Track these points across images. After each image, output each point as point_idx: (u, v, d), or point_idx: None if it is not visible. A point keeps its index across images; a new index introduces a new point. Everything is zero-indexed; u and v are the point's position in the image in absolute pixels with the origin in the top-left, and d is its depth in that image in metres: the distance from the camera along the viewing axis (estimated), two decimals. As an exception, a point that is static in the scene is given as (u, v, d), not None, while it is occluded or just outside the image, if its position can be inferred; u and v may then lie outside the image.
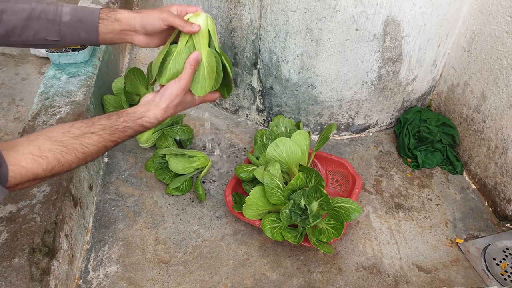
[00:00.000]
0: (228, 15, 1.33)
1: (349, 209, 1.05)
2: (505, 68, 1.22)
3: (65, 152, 0.73)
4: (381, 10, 1.20)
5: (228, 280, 1.09)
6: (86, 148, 0.76)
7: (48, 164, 0.70)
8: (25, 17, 0.87)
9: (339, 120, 1.50)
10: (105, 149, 0.80)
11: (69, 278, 1.03)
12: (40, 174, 0.69)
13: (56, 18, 0.89)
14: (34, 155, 0.69)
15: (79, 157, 0.75)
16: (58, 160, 0.71)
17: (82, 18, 0.90)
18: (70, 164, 0.74)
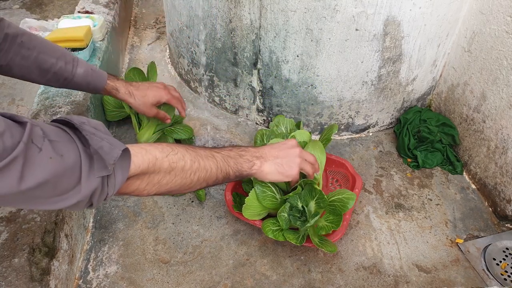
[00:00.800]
0: (228, 15, 1.33)
1: (344, 200, 1.06)
2: (505, 68, 1.22)
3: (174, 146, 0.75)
4: (381, 10, 1.20)
5: (228, 280, 1.09)
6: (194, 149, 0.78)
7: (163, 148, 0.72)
8: (45, 68, 0.99)
9: (339, 120, 1.50)
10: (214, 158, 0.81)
11: (69, 278, 1.03)
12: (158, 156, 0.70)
13: (69, 77, 1.03)
14: (148, 144, 0.72)
15: (189, 153, 0.76)
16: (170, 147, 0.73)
17: (91, 82, 1.07)
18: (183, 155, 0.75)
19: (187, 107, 1.65)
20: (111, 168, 0.60)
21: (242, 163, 0.88)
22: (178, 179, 0.74)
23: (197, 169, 0.77)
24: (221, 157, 0.83)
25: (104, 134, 0.62)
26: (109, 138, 0.62)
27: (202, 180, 0.79)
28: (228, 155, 0.85)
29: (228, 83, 1.53)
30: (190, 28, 1.50)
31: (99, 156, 0.60)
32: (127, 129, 1.52)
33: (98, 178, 0.60)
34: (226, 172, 0.84)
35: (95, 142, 0.60)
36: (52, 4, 2.52)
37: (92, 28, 1.50)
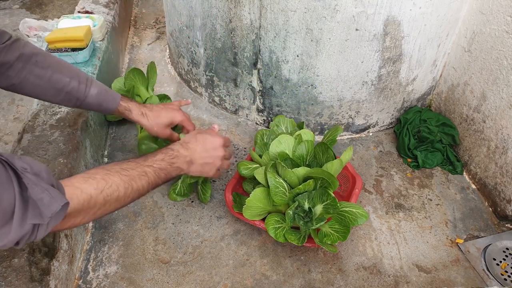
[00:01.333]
0: (228, 15, 1.33)
1: (357, 214, 1.05)
2: (505, 68, 1.22)
3: (109, 173, 0.77)
4: (381, 10, 1.20)
5: (228, 280, 1.09)
6: (126, 171, 0.81)
7: (98, 184, 0.73)
8: (59, 88, 1.00)
9: (339, 120, 1.50)
10: (146, 175, 0.85)
11: (69, 278, 1.03)
12: (93, 194, 0.71)
13: (81, 97, 1.04)
14: (84, 177, 0.73)
15: (123, 180, 0.78)
16: (105, 180, 0.75)
17: (103, 103, 1.08)
18: (118, 186, 0.77)
19: (187, 107, 1.65)
20: (47, 220, 0.60)
21: (171, 172, 0.94)
22: (112, 207, 0.77)
23: (131, 193, 0.80)
24: (152, 173, 0.87)
25: (46, 183, 0.61)
26: (51, 190, 0.61)
27: (136, 198, 0.83)
28: (159, 168, 0.89)
29: (228, 83, 1.53)
30: (190, 28, 1.50)
31: (36, 205, 0.59)
32: (127, 129, 1.52)
33: (30, 225, 0.59)
34: (156, 183, 0.89)
35: (35, 192, 0.59)
36: (52, 4, 2.52)
37: (92, 28, 1.49)
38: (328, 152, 1.16)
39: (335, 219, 1.07)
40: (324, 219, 1.05)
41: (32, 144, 1.13)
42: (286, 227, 1.08)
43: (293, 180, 1.09)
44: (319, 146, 1.18)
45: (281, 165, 1.08)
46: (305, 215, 1.07)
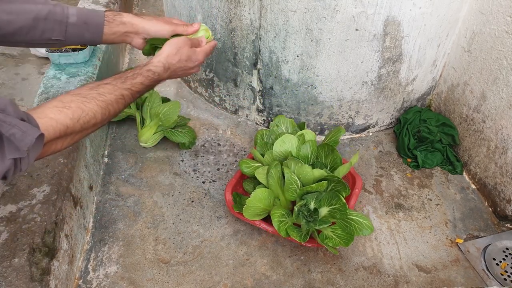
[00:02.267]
0: (228, 15, 1.33)
1: (363, 224, 1.05)
2: (505, 68, 1.22)
3: (85, 101, 0.76)
4: (381, 10, 1.20)
5: (228, 280, 1.09)
6: (104, 96, 0.79)
7: (73, 113, 0.72)
8: (32, 17, 0.90)
9: (339, 120, 1.50)
10: (123, 98, 0.84)
11: (69, 278, 1.03)
12: (69, 124, 0.71)
13: (63, 19, 0.93)
14: (59, 107, 0.72)
15: (100, 106, 0.78)
16: (81, 109, 0.74)
17: (88, 20, 0.95)
18: (94, 113, 0.76)
19: (187, 107, 1.65)
20: (25, 153, 0.61)
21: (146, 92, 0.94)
22: (89, 131, 0.80)
23: (108, 117, 0.81)
24: (130, 96, 0.86)
25: (13, 118, 0.61)
26: (20, 124, 0.61)
27: (112, 118, 0.84)
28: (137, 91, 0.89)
29: (228, 83, 1.53)
30: (190, 28, 1.50)
31: (9, 140, 0.60)
32: (127, 129, 1.52)
33: (10, 160, 0.61)
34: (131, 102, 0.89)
35: (5, 129, 0.59)
36: (52, 4, 2.51)
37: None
38: (333, 153, 1.17)
39: (339, 224, 1.07)
40: (328, 222, 1.05)
41: (32, 144, 1.13)
42: (289, 222, 1.08)
43: (308, 179, 1.09)
44: (322, 147, 1.18)
45: (299, 163, 1.08)
46: (309, 215, 1.07)
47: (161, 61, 0.95)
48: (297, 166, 1.09)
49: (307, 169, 1.09)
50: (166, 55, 0.96)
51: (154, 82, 0.94)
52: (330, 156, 1.18)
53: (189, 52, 1.00)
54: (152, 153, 1.44)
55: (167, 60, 0.96)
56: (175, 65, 0.97)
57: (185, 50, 0.99)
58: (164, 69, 0.95)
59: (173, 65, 0.97)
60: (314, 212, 1.07)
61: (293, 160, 1.10)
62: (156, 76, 0.93)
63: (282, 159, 1.17)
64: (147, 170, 1.38)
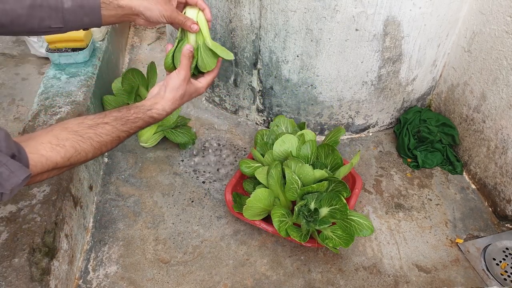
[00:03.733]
0: (228, 15, 1.33)
1: (363, 225, 1.05)
2: (505, 68, 1.22)
3: (81, 141, 0.75)
4: (381, 10, 1.20)
5: (228, 280, 1.09)
6: (100, 137, 0.78)
7: (66, 152, 0.71)
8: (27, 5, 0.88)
9: (339, 120, 1.50)
10: (118, 139, 0.83)
11: (69, 278, 1.03)
12: (59, 162, 0.70)
13: (58, 5, 0.90)
14: (53, 143, 0.70)
15: (94, 146, 0.77)
16: (75, 148, 0.73)
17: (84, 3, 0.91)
18: (87, 153, 0.76)
19: (187, 107, 1.65)
20: (8, 191, 0.61)
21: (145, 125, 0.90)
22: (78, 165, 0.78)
23: (99, 154, 0.80)
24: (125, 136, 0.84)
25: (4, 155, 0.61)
26: (10, 163, 0.61)
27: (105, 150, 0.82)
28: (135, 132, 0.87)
29: (228, 83, 1.53)
30: (190, 28, 1.50)
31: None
32: (127, 129, 1.52)
33: None
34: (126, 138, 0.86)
35: None
36: (52, 4, 2.51)
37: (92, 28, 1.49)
38: (334, 153, 1.17)
39: (340, 225, 1.07)
40: (328, 222, 1.05)
41: (32, 144, 1.12)
42: (289, 222, 1.08)
43: (308, 179, 1.09)
44: (322, 147, 1.18)
45: (299, 162, 1.08)
46: (309, 215, 1.07)
47: (165, 110, 0.92)
48: (298, 166, 1.10)
49: (308, 169, 1.09)
50: (171, 102, 0.92)
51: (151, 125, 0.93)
52: (331, 156, 1.18)
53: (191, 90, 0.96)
54: (152, 153, 1.44)
55: (171, 107, 0.93)
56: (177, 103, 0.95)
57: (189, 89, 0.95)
58: (166, 114, 0.93)
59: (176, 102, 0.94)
60: (314, 212, 1.07)
61: (294, 160, 1.10)
62: (156, 121, 0.92)
63: (282, 159, 1.17)
64: (147, 170, 1.38)
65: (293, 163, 1.10)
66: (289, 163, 1.11)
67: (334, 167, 1.18)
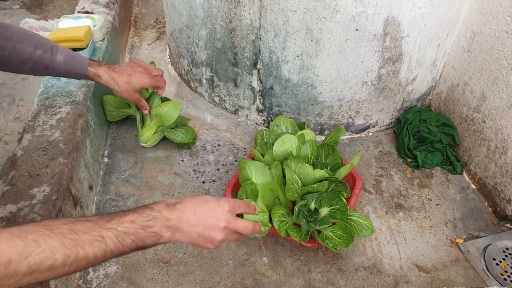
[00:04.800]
0: (228, 15, 1.33)
1: (363, 225, 1.06)
2: (505, 68, 1.22)
3: (48, 235, 0.58)
4: (381, 10, 1.20)
5: (228, 280, 1.09)
6: (75, 234, 0.61)
7: (25, 247, 0.56)
8: (24, 58, 0.99)
9: (339, 120, 1.50)
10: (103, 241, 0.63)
11: (69, 278, 1.03)
12: (14, 259, 0.55)
13: (49, 65, 1.04)
14: (13, 234, 0.56)
15: (66, 245, 0.59)
16: (38, 243, 0.57)
17: (71, 69, 1.09)
18: (53, 252, 0.58)
19: (187, 107, 1.65)
20: None
21: (144, 239, 0.69)
22: (45, 276, 0.59)
23: (73, 262, 0.60)
24: (113, 237, 0.65)
25: None
26: None
27: (83, 267, 0.63)
28: (125, 232, 0.66)
29: (228, 83, 1.53)
30: (190, 28, 1.50)
31: None
32: (127, 129, 1.52)
33: None
34: (119, 251, 0.66)
35: None
36: (52, 4, 2.52)
37: (92, 28, 1.50)
38: (334, 154, 1.17)
39: (340, 225, 1.07)
40: (328, 222, 1.05)
41: (32, 144, 1.13)
42: (289, 222, 1.09)
43: (309, 179, 1.10)
44: (322, 147, 1.18)
45: (300, 162, 1.08)
46: (309, 215, 1.07)
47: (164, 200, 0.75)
48: (298, 166, 1.10)
49: (308, 169, 1.09)
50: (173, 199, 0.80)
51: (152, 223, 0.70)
52: (331, 156, 1.18)
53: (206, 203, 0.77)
54: (152, 153, 1.44)
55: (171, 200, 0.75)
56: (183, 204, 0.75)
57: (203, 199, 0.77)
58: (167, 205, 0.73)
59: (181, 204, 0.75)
60: (314, 212, 1.07)
61: (294, 160, 1.10)
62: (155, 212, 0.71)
63: (282, 159, 1.17)
64: (147, 170, 1.38)
65: (293, 163, 1.10)
66: (289, 163, 1.11)
67: (334, 167, 1.18)
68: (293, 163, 1.10)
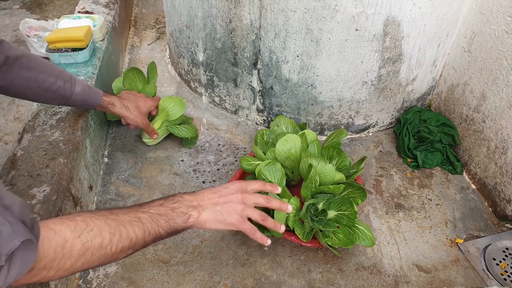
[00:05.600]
0: (228, 15, 1.33)
1: (366, 235, 1.07)
2: (505, 68, 1.22)
3: (93, 217, 0.66)
4: (381, 10, 1.20)
5: (228, 280, 1.09)
6: (115, 215, 0.69)
7: (76, 225, 0.63)
8: (45, 87, 1.03)
9: (339, 120, 1.50)
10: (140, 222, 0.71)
11: (69, 278, 1.03)
12: (69, 237, 0.61)
13: (66, 95, 1.08)
14: (63, 218, 0.64)
15: (109, 224, 0.67)
16: (86, 222, 0.64)
17: (87, 99, 1.13)
18: (100, 230, 0.65)
19: (188, 107, 1.65)
20: (3, 259, 0.51)
21: (175, 219, 0.77)
22: (95, 258, 0.65)
23: (118, 241, 0.67)
24: (148, 218, 0.73)
25: (13, 217, 0.54)
26: (14, 225, 0.53)
27: (127, 249, 0.69)
28: (157, 213, 0.75)
29: (228, 83, 1.53)
30: (190, 28, 1.50)
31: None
32: (127, 129, 1.52)
33: None
34: (156, 233, 0.74)
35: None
36: (52, 4, 2.52)
37: (92, 28, 1.50)
38: (340, 155, 1.18)
39: (343, 230, 1.08)
40: (333, 226, 1.06)
41: (32, 144, 1.13)
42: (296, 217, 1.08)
43: (327, 179, 1.10)
44: (326, 149, 1.19)
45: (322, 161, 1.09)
46: (315, 214, 1.07)
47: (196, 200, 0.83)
48: (320, 165, 1.09)
49: (329, 170, 1.09)
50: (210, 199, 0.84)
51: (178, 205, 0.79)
52: (336, 158, 1.18)
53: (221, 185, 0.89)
54: (152, 153, 1.44)
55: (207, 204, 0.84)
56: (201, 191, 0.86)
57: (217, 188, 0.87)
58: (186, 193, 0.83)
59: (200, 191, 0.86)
60: (321, 213, 1.07)
61: (316, 158, 1.10)
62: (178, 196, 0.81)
63: (284, 158, 1.18)
64: (147, 170, 1.38)
65: (315, 161, 1.10)
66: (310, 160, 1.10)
67: (341, 169, 1.18)
68: (314, 160, 1.10)
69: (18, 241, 0.52)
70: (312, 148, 1.18)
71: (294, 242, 1.11)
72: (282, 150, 1.17)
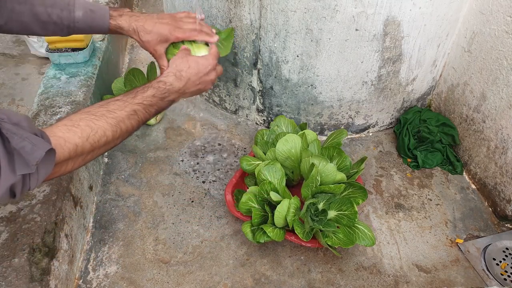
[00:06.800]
0: (228, 15, 1.33)
1: (366, 235, 1.07)
2: (505, 68, 1.22)
3: (95, 119, 0.74)
4: (381, 10, 1.20)
5: (228, 280, 1.09)
6: (113, 113, 0.77)
7: (82, 132, 0.71)
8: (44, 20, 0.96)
9: (339, 120, 1.50)
10: (135, 114, 0.81)
11: (69, 278, 1.03)
12: (79, 143, 0.69)
13: (69, 24, 0.99)
14: (67, 125, 0.70)
15: (110, 123, 0.76)
16: (90, 126, 0.72)
17: (93, 26, 1.01)
18: (104, 131, 0.74)
19: (187, 107, 1.65)
20: (33, 168, 0.60)
21: (162, 106, 0.89)
22: (101, 151, 0.77)
23: (120, 135, 0.79)
24: (142, 110, 0.83)
25: (26, 131, 0.60)
26: (32, 138, 0.60)
27: (125, 137, 0.82)
28: (150, 104, 0.85)
29: (228, 83, 1.53)
30: (190, 28, 1.50)
31: (20, 154, 0.58)
32: (127, 129, 1.52)
33: (19, 175, 0.59)
34: (146, 119, 0.86)
35: (15, 142, 0.58)
36: (52, 4, 2.51)
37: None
38: (341, 156, 1.18)
39: (343, 230, 1.08)
40: (333, 226, 1.06)
41: (32, 144, 1.13)
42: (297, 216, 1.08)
43: (328, 179, 1.10)
44: (326, 149, 1.19)
45: (324, 160, 1.08)
46: (315, 214, 1.07)
47: (170, 71, 0.92)
48: (322, 164, 1.09)
49: (331, 169, 1.09)
50: (174, 64, 0.94)
51: (167, 94, 0.89)
52: (337, 158, 1.18)
53: (196, 58, 0.96)
54: (152, 153, 1.44)
55: (176, 68, 0.93)
56: (187, 72, 0.93)
57: (191, 56, 0.97)
58: (176, 78, 0.91)
59: (185, 72, 0.93)
60: (321, 213, 1.07)
61: (318, 158, 1.10)
62: (168, 86, 0.90)
63: (285, 158, 1.18)
64: (147, 170, 1.38)
65: (317, 160, 1.10)
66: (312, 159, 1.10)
67: (341, 169, 1.18)
68: (316, 160, 1.10)
69: (42, 152, 0.60)
70: (312, 148, 1.18)
71: (294, 242, 1.11)
72: (283, 150, 1.17)
